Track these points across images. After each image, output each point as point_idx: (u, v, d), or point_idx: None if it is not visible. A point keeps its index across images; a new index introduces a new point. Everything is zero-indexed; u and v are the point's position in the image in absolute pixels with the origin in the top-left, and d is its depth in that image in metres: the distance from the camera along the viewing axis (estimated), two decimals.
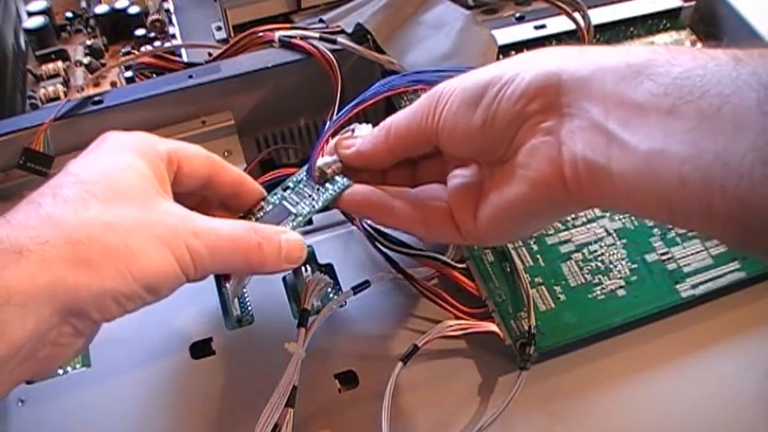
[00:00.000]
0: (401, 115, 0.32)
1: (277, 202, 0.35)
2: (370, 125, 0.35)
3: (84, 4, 0.59)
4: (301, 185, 0.35)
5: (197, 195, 0.34)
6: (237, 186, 0.34)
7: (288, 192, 0.35)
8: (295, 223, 0.34)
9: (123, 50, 0.56)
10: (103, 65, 0.55)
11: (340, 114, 0.36)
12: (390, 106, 0.46)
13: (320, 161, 0.35)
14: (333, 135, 0.35)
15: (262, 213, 0.35)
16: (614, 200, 0.27)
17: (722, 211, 0.24)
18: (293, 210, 0.34)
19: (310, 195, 0.34)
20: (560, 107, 0.28)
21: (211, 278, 0.39)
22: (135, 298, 0.27)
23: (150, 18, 0.56)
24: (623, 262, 0.39)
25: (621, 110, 0.26)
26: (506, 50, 0.48)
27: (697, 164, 0.24)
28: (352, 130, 0.35)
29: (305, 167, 0.36)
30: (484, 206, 0.31)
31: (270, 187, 0.36)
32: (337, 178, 0.34)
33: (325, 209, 0.34)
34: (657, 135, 0.25)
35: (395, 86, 0.36)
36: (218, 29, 0.54)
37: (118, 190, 0.28)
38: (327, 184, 0.34)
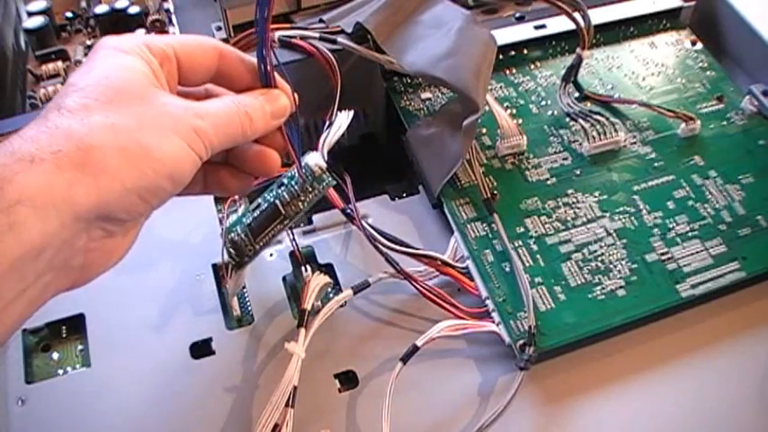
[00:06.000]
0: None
1: (271, 200, 0.36)
2: (351, 111, 0.36)
3: (84, 4, 0.59)
4: (293, 183, 0.35)
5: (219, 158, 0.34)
6: (255, 77, 0.34)
7: (282, 189, 0.35)
8: (282, 226, 0.35)
9: None
10: None
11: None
12: (390, 104, 0.46)
13: (310, 159, 0.35)
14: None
15: (258, 213, 0.36)
16: None
17: None
18: (283, 211, 0.35)
19: (299, 195, 0.35)
20: None
21: (211, 278, 0.39)
22: (159, 191, 0.28)
23: (150, 18, 0.56)
24: (623, 262, 0.39)
25: None
26: (506, 50, 0.48)
27: None
28: (331, 123, 0.35)
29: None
30: None
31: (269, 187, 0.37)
32: (324, 176, 0.35)
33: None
34: None
35: None
36: (218, 29, 0.54)
37: (115, 89, 0.28)
38: (315, 183, 0.35)
